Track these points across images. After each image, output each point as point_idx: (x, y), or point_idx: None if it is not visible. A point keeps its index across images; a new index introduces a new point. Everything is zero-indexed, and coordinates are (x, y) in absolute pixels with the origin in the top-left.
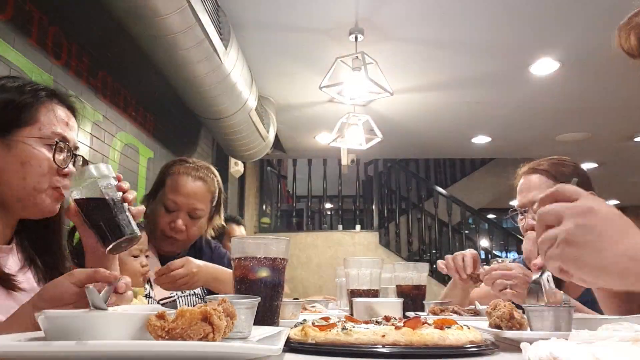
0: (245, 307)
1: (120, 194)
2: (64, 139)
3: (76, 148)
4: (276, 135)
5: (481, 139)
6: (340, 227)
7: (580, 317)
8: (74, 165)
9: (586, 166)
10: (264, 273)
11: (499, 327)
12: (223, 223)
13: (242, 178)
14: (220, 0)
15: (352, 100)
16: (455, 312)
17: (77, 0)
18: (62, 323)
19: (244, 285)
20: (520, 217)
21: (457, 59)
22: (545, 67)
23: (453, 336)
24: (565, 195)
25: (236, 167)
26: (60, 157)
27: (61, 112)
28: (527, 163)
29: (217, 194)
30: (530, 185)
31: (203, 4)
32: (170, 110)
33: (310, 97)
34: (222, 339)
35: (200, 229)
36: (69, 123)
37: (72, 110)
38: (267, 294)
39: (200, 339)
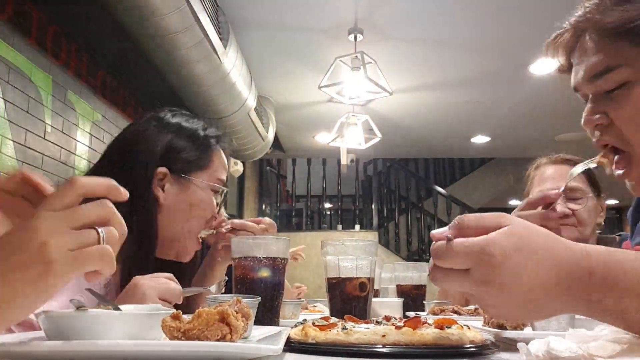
0: (249, 306)
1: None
2: (224, 185)
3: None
4: (275, 135)
5: (480, 139)
6: (339, 226)
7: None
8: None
9: None
10: (264, 273)
11: (502, 327)
12: (227, 215)
13: (241, 178)
14: (219, 0)
15: (351, 100)
16: (455, 312)
17: (77, 0)
18: (63, 323)
19: (244, 285)
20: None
21: (456, 58)
22: (544, 66)
23: (453, 336)
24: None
25: (235, 167)
26: (215, 202)
27: (223, 157)
28: (545, 156)
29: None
30: (563, 173)
31: (202, 3)
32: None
33: (309, 97)
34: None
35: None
36: (226, 167)
37: (228, 154)
38: (267, 294)
39: (218, 340)
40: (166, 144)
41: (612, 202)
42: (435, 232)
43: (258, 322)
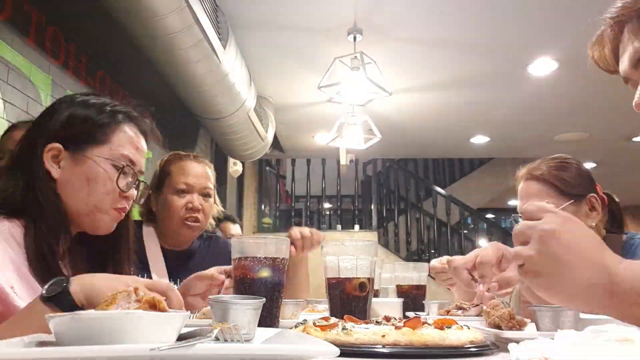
0: (253, 308)
1: None
2: (131, 162)
3: (141, 172)
4: (275, 135)
5: (480, 139)
6: (339, 227)
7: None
8: (136, 189)
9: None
10: (264, 273)
11: (498, 327)
12: (221, 209)
13: (240, 178)
14: (218, 0)
15: (350, 100)
16: (460, 308)
17: (76, 0)
18: (72, 326)
19: (244, 285)
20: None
21: (455, 59)
22: (543, 67)
23: (453, 336)
24: (531, 214)
25: (235, 167)
26: (124, 181)
27: (133, 135)
28: (525, 165)
29: (214, 179)
30: (528, 193)
31: (201, 3)
32: (169, 110)
33: (308, 97)
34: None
35: (212, 209)
36: (139, 147)
37: (144, 134)
38: (267, 294)
39: None
40: (62, 120)
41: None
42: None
43: (258, 322)
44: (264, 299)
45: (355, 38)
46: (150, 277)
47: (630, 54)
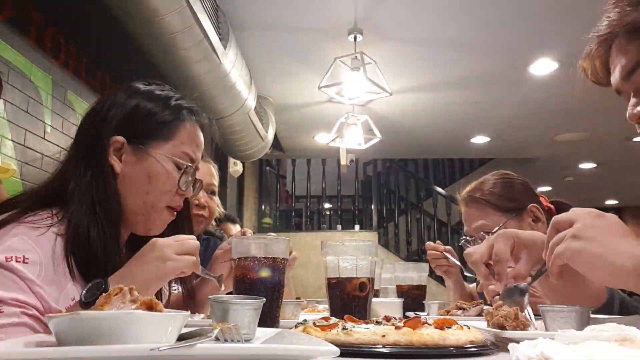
0: (253, 308)
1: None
2: (192, 161)
3: (198, 168)
4: (275, 135)
5: (480, 139)
6: (339, 227)
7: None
8: (193, 189)
9: (584, 166)
10: (264, 273)
11: (502, 327)
12: (222, 210)
13: (241, 178)
14: (219, 0)
15: (351, 100)
16: (460, 308)
17: (76, 0)
18: (72, 326)
19: (244, 285)
20: (469, 245)
21: (456, 59)
22: (544, 67)
23: (453, 336)
24: (564, 224)
25: (235, 167)
26: (184, 179)
27: (194, 131)
28: (464, 188)
29: (218, 177)
30: (470, 215)
31: (202, 3)
32: None
33: (309, 97)
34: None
35: (216, 206)
36: (199, 144)
37: (202, 129)
38: (267, 294)
39: None
40: (126, 112)
41: (611, 202)
42: None
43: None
44: (264, 299)
45: (355, 38)
46: None
47: (620, 67)
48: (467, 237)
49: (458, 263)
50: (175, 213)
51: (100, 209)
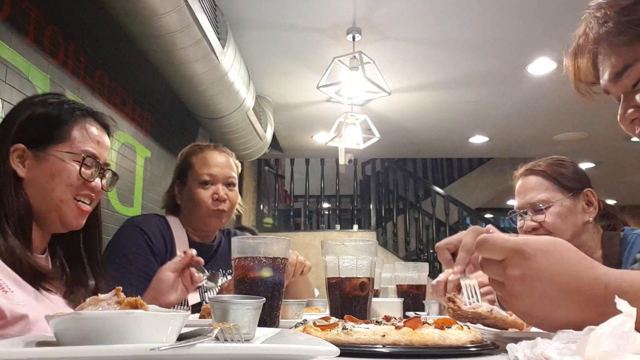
0: (253, 307)
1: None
2: (93, 156)
3: (106, 165)
4: (274, 135)
5: (479, 139)
6: (337, 226)
7: None
8: (101, 180)
9: (583, 166)
10: (264, 273)
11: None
12: (241, 204)
13: (239, 177)
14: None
15: (349, 99)
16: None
17: None
18: (72, 326)
19: (244, 285)
20: (519, 218)
21: (454, 58)
22: (542, 66)
23: (453, 336)
24: (492, 252)
25: None
26: (87, 171)
27: (94, 130)
28: (524, 164)
29: (238, 167)
30: (527, 187)
31: (200, 3)
32: (168, 110)
33: (307, 97)
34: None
35: (237, 198)
36: (100, 141)
37: (106, 128)
38: (267, 294)
39: None
40: (22, 121)
41: (610, 202)
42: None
43: (258, 322)
44: (264, 299)
45: (354, 38)
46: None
47: (609, 70)
48: (517, 211)
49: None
50: (90, 206)
51: (11, 215)
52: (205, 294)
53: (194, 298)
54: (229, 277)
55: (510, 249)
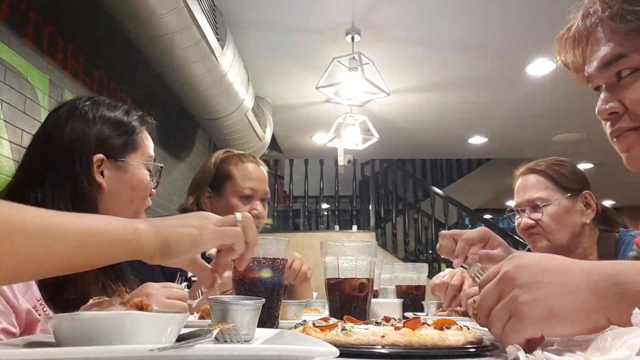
0: (253, 308)
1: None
2: (154, 160)
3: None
4: (273, 136)
5: (477, 140)
6: (337, 227)
7: None
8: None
9: (582, 167)
10: (263, 273)
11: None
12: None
13: None
14: (216, 0)
15: (348, 100)
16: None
17: (73, 0)
18: (72, 326)
19: (244, 285)
20: (517, 216)
21: (453, 59)
22: (541, 67)
23: (453, 337)
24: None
25: None
26: (154, 180)
27: (149, 136)
28: (524, 164)
29: None
30: (527, 185)
31: (199, 4)
32: (167, 110)
33: (307, 98)
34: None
35: (265, 214)
36: (154, 143)
37: (152, 131)
38: (267, 295)
39: None
40: (96, 133)
41: (609, 202)
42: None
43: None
44: (264, 300)
45: (353, 38)
46: (185, 275)
47: (599, 56)
48: (515, 209)
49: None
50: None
51: None
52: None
53: None
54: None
55: (496, 270)
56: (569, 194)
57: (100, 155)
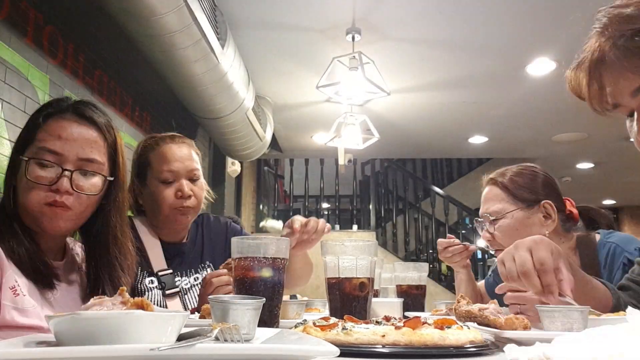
0: (253, 308)
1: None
2: (55, 154)
3: (87, 160)
4: (273, 135)
5: (478, 139)
6: (337, 227)
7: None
8: (72, 180)
9: (582, 166)
10: (264, 273)
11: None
12: (212, 194)
13: (239, 178)
14: (217, 0)
15: (349, 100)
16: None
17: None
18: (72, 326)
19: (244, 285)
20: (480, 228)
21: (454, 58)
22: (541, 67)
23: (453, 336)
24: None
25: (233, 167)
26: (42, 173)
27: (62, 125)
28: (491, 172)
29: (200, 156)
30: (486, 197)
31: (200, 3)
32: (167, 110)
33: (307, 97)
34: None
35: (203, 191)
36: (63, 136)
37: (92, 122)
38: (266, 294)
39: None
40: (22, 131)
41: (609, 202)
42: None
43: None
44: (264, 299)
45: (353, 38)
46: (151, 270)
47: (626, 84)
48: (477, 221)
49: (474, 246)
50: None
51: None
52: (185, 296)
53: (175, 304)
54: (193, 278)
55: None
56: (524, 205)
57: (20, 157)
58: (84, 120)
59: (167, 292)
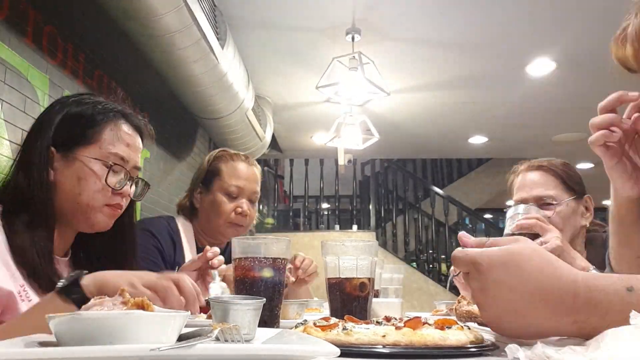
0: (253, 308)
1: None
2: (122, 160)
3: (137, 169)
4: (273, 135)
5: (478, 139)
6: (337, 227)
7: None
8: (131, 187)
9: (582, 166)
10: (264, 273)
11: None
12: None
13: None
14: (216, 0)
15: (348, 100)
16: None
17: None
18: (72, 326)
19: (244, 285)
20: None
21: (453, 59)
22: (541, 67)
23: (454, 336)
24: (458, 266)
25: None
26: (114, 178)
27: (126, 132)
28: (524, 162)
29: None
30: (535, 181)
31: (199, 3)
32: (167, 110)
33: (307, 97)
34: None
35: (256, 213)
36: (131, 143)
37: (138, 131)
38: (267, 295)
39: None
40: (56, 124)
41: (609, 202)
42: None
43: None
44: (265, 299)
45: (353, 38)
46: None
47: None
48: (516, 204)
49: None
50: (122, 211)
51: (36, 218)
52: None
53: None
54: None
55: (468, 261)
56: (575, 196)
57: (52, 149)
58: (136, 131)
59: None
